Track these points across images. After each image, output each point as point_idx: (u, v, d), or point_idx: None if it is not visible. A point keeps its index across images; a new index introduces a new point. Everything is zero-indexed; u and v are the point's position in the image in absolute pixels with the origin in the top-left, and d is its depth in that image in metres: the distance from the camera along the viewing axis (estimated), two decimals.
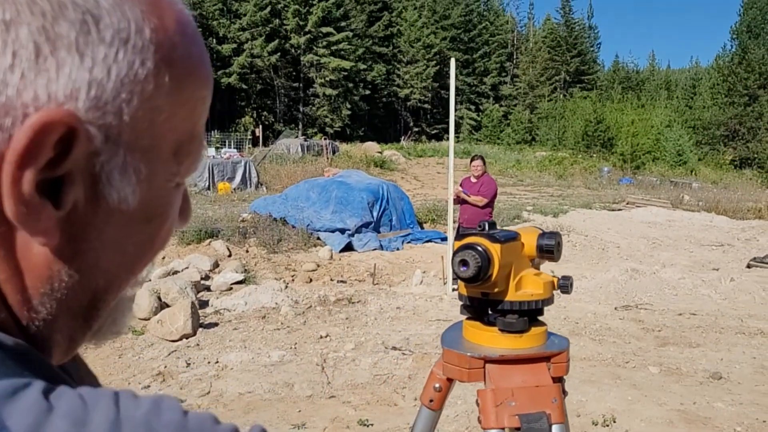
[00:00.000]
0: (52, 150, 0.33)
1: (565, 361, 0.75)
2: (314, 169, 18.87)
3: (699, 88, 53.32)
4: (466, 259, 0.71)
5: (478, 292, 0.77)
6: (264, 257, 8.81)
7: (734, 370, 4.96)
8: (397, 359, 4.97)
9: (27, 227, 0.34)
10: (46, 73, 0.32)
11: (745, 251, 10.57)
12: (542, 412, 0.69)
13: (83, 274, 0.37)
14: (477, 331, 0.78)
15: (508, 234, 0.78)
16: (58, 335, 0.39)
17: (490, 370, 0.73)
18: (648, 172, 29.88)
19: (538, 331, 0.77)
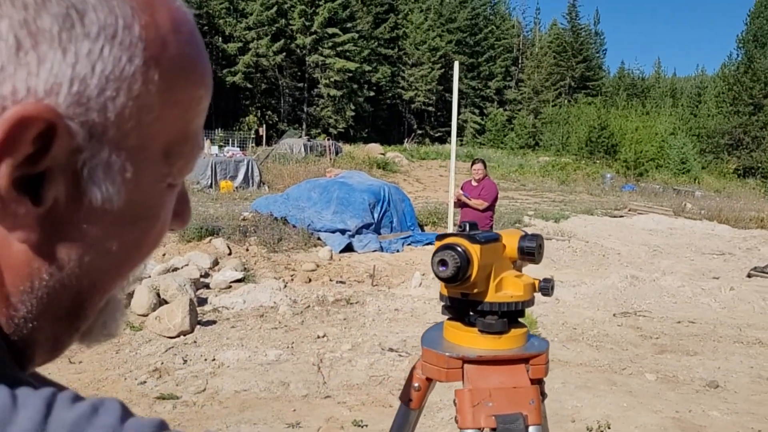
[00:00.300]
0: (31, 145, 0.32)
1: (543, 363, 0.75)
2: (317, 170, 18.89)
3: (704, 97, 53.28)
4: (445, 259, 0.72)
5: (457, 292, 0.77)
6: (264, 256, 8.81)
7: (731, 379, 4.95)
8: (393, 361, 4.97)
9: (4, 222, 0.33)
10: (26, 67, 0.32)
11: (746, 261, 10.55)
12: (519, 413, 0.69)
13: (65, 274, 0.36)
14: (457, 332, 0.78)
15: (489, 235, 0.78)
16: (40, 335, 0.38)
17: (468, 371, 0.73)
18: (651, 180, 29.85)
19: (517, 333, 0.77)
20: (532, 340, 0.79)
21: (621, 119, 37.41)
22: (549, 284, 0.79)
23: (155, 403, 4.15)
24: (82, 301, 0.39)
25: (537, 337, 0.80)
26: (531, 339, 0.79)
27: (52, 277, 0.36)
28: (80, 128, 0.33)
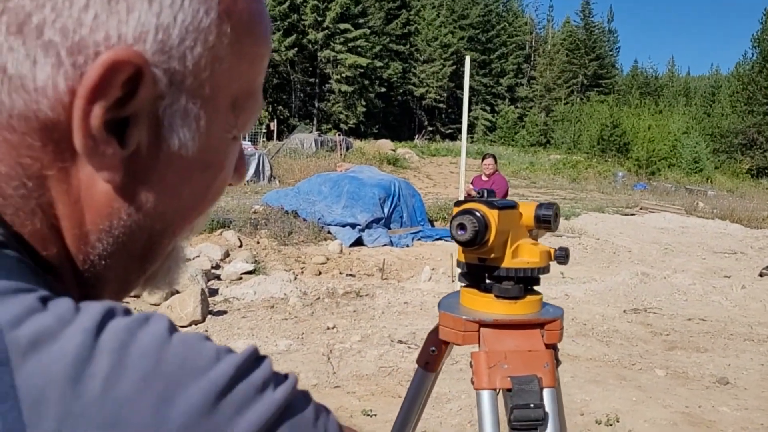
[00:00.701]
0: (120, 89, 0.34)
1: (558, 329, 0.77)
2: (327, 164, 18.93)
3: (718, 96, 52.83)
4: (464, 223, 0.73)
5: (475, 257, 0.79)
6: (274, 249, 8.86)
7: (741, 376, 4.93)
8: (402, 352, 4.99)
9: (93, 161, 0.35)
10: (117, 15, 0.34)
11: (758, 260, 10.48)
12: (534, 375, 0.71)
13: (141, 215, 0.38)
14: (473, 297, 0.80)
15: (507, 202, 0.80)
16: (111, 273, 0.40)
17: (484, 334, 0.75)
18: (663, 179, 29.67)
19: (533, 299, 0.79)
20: (546, 306, 0.81)
21: (633, 118, 37.21)
22: (564, 252, 0.81)
23: None
24: (153, 244, 0.41)
25: (552, 305, 0.82)
26: (545, 306, 0.81)
27: (130, 218, 0.38)
28: (163, 75, 0.35)
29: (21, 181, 0.35)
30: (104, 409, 0.29)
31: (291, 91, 45.09)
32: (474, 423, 3.91)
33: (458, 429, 3.79)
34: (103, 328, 0.31)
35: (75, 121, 0.34)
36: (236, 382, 0.32)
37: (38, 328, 0.30)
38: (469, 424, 3.87)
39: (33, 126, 0.34)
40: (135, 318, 0.32)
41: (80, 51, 0.33)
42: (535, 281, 0.80)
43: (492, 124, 54.11)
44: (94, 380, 0.29)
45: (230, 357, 0.33)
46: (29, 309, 0.30)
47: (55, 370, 0.29)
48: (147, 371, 0.30)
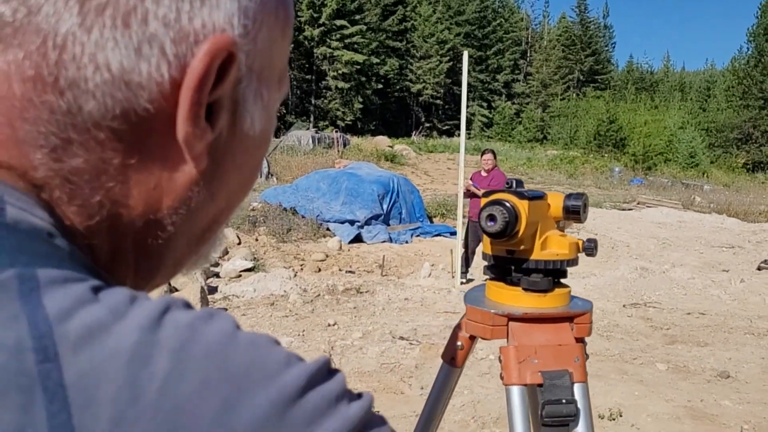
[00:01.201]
0: (215, 75, 0.34)
1: (588, 323, 0.76)
2: (325, 161, 18.90)
3: (713, 91, 52.94)
4: (494, 214, 0.72)
5: (503, 249, 0.77)
6: (273, 246, 8.84)
7: (742, 369, 4.94)
8: (404, 349, 4.98)
9: (190, 150, 0.35)
10: (209, 2, 0.34)
11: (756, 254, 10.50)
12: (565, 370, 0.69)
13: (214, 197, 0.38)
14: (500, 291, 0.78)
15: (535, 193, 0.78)
16: (170, 255, 0.39)
17: (513, 328, 0.73)
18: (659, 174, 29.73)
19: (561, 292, 0.77)
20: (575, 299, 0.79)
21: (630, 113, 37.24)
22: (593, 244, 0.79)
23: None
24: (214, 223, 0.41)
25: (580, 298, 0.80)
26: (574, 299, 0.79)
27: (204, 201, 0.38)
28: (245, 58, 0.36)
29: (94, 174, 0.34)
30: (161, 415, 0.27)
31: (287, 88, 44.91)
32: (477, 418, 3.90)
33: (461, 425, 3.78)
34: (161, 323, 0.29)
35: (182, 111, 0.34)
36: (307, 392, 0.30)
37: (90, 320, 0.28)
38: (472, 420, 3.86)
39: (130, 121, 0.34)
40: (198, 314, 0.31)
41: (182, 41, 0.34)
42: (563, 274, 0.78)
43: (489, 120, 54.10)
44: (152, 382, 0.27)
45: (302, 364, 0.31)
46: (80, 300, 0.29)
47: (108, 369, 0.27)
48: (210, 374, 0.28)
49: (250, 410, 0.28)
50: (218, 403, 0.28)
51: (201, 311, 0.31)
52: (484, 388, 4.24)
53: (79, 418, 0.26)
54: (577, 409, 0.68)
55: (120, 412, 0.26)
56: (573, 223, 0.82)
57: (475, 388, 4.23)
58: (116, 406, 0.26)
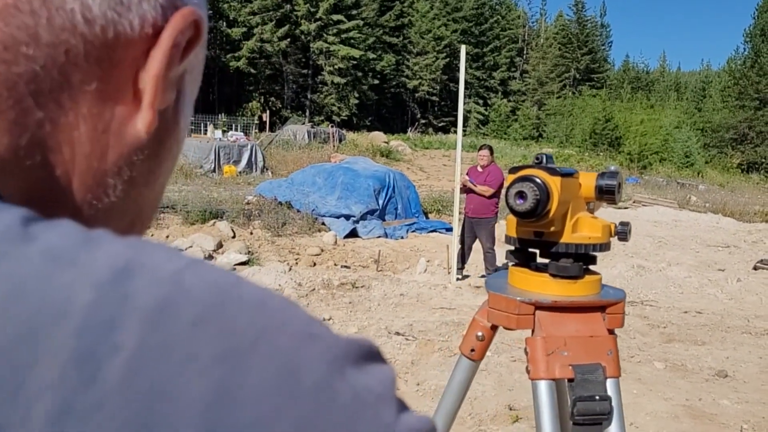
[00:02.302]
0: (183, 46, 0.34)
1: (621, 313, 0.69)
2: (320, 156, 18.81)
3: (709, 91, 53.05)
4: (524, 191, 0.65)
5: (530, 231, 0.70)
6: (268, 240, 8.77)
7: (740, 368, 4.91)
8: (400, 344, 4.93)
9: (151, 98, 0.33)
10: None
11: (751, 253, 10.49)
12: (597, 364, 0.63)
13: (152, 176, 0.36)
14: (526, 277, 0.71)
15: (567, 170, 0.71)
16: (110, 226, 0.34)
17: (540, 317, 0.67)
18: (655, 173, 29.76)
19: (592, 279, 0.71)
20: (606, 288, 0.73)
21: (626, 112, 37.23)
22: (627, 228, 0.73)
23: None
24: (138, 218, 0.38)
25: (611, 286, 0.74)
26: (605, 287, 0.73)
27: (142, 176, 0.35)
28: (198, 49, 0.36)
29: (49, 86, 0.29)
30: (128, 403, 0.20)
31: (283, 83, 44.81)
32: (474, 415, 3.85)
33: (458, 422, 3.72)
34: (130, 273, 0.22)
35: (159, 51, 0.32)
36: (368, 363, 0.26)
37: (18, 271, 0.22)
38: (468, 416, 3.82)
39: (106, 40, 0.31)
40: (183, 261, 0.24)
41: None
42: (593, 260, 0.72)
43: (485, 117, 54.06)
44: (114, 357, 0.20)
45: (346, 336, 0.26)
46: (7, 240, 0.22)
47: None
48: (200, 344, 0.21)
49: (251, 391, 0.21)
50: (212, 386, 0.20)
51: (188, 258, 0.24)
52: (480, 384, 4.18)
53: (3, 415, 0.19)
54: (611, 406, 0.62)
55: (65, 401, 0.19)
56: (603, 206, 0.75)
57: (472, 385, 4.17)
58: (59, 392, 0.19)
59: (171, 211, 9.28)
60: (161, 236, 8.53)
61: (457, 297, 6.57)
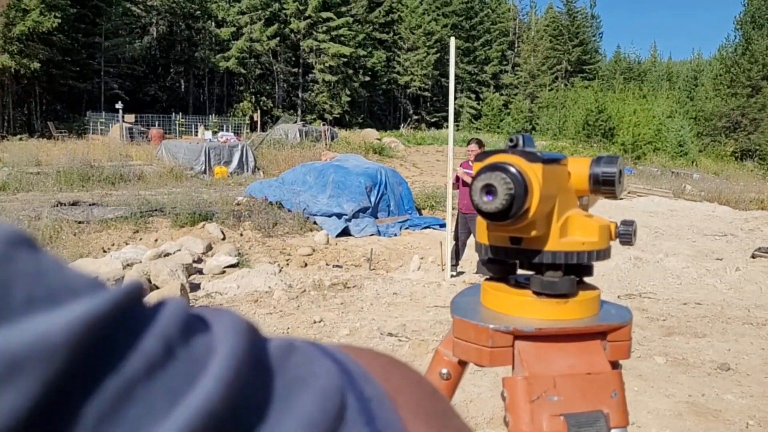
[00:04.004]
0: None
1: (627, 339, 0.53)
2: (312, 155, 18.64)
3: (701, 80, 52.99)
4: (493, 185, 0.48)
5: (506, 237, 0.53)
6: (259, 241, 8.60)
7: (742, 361, 4.78)
8: (393, 346, 4.77)
9: None
10: None
11: (749, 241, 10.38)
12: (599, 411, 0.46)
13: None
14: (503, 295, 0.54)
15: (551, 154, 0.55)
16: None
17: (522, 350, 0.50)
18: (649, 163, 29.67)
19: (588, 296, 0.54)
20: (606, 306, 0.56)
21: (618, 103, 37.12)
22: (631, 228, 0.57)
23: None
24: None
25: (612, 303, 0.58)
26: (605, 305, 0.56)
27: None
28: None
29: None
30: None
31: (274, 82, 44.52)
32: (469, 419, 3.70)
33: None
34: None
35: None
36: None
37: None
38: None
39: None
40: None
41: None
42: (590, 270, 0.56)
43: (477, 111, 53.86)
44: None
45: None
46: None
47: None
48: None
49: None
50: None
51: None
52: (476, 386, 4.03)
53: None
54: None
55: None
56: (600, 200, 0.59)
57: (467, 386, 4.02)
58: None
59: (160, 214, 9.11)
60: (150, 239, 8.35)
61: (451, 295, 6.40)
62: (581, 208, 0.58)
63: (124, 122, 23.00)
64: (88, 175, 13.32)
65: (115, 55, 36.18)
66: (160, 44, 42.31)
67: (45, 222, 8.01)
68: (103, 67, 35.40)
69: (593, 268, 0.57)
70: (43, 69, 30.34)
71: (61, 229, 7.93)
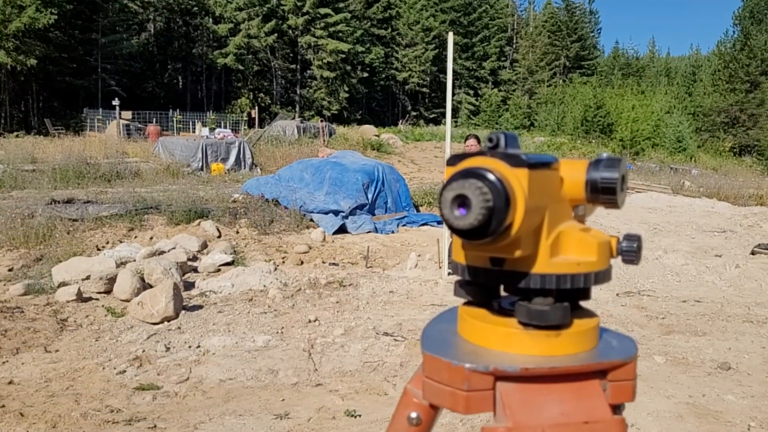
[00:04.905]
0: None
1: (630, 378, 0.44)
2: (310, 151, 18.55)
3: (699, 75, 52.83)
4: (467, 195, 0.39)
5: (485, 257, 0.44)
6: (255, 239, 8.51)
7: (743, 360, 4.71)
8: (388, 346, 4.70)
9: None
10: None
11: (748, 238, 10.30)
12: None
13: None
14: (483, 326, 0.45)
15: (540, 157, 0.45)
16: None
17: (505, 394, 0.41)
18: (647, 159, 29.57)
19: (585, 326, 0.45)
20: (606, 336, 0.47)
21: (617, 98, 36.99)
22: (635, 244, 0.48)
23: (134, 394, 3.87)
24: None
25: (614, 332, 0.49)
26: (604, 334, 0.47)
27: None
28: None
29: None
30: None
31: (272, 78, 44.33)
32: (465, 421, 3.63)
33: (449, 429, 3.51)
34: None
35: None
36: None
37: None
38: (460, 423, 3.59)
39: None
40: None
41: None
42: (586, 294, 0.47)
43: (476, 107, 53.67)
44: None
45: None
46: None
47: None
48: None
49: None
50: None
51: None
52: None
53: None
54: None
55: None
56: (598, 209, 0.51)
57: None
58: None
59: (155, 212, 9.02)
60: (145, 237, 8.26)
61: (448, 293, 6.33)
62: (576, 220, 0.49)
63: (122, 119, 22.86)
64: (83, 172, 13.22)
65: (113, 51, 35.97)
66: (158, 41, 42.11)
67: (39, 220, 7.92)
68: (101, 64, 35.20)
69: (591, 291, 0.48)
70: (40, 66, 30.15)
71: (54, 227, 7.84)
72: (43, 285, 6.07)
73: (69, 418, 3.57)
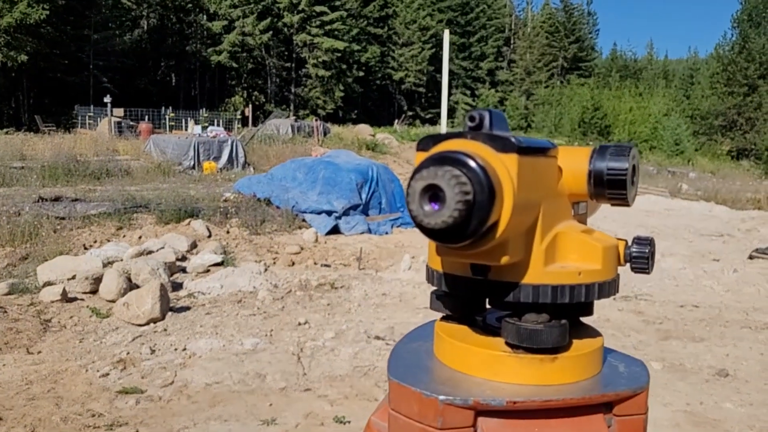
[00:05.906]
0: None
1: (642, 412, 0.35)
2: (303, 150, 18.44)
3: (697, 78, 52.92)
4: (440, 186, 0.29)
5: (465, 263, 0.35)
6: (246, 239, 8.40)
7: (741, 366, 4.63)
8: (379, 350, 4.60)
9: None
10: None
11: (746, 242, 10.24)
12: None
13: None
14: (462, 347, 0.35)
15: (534, 141, 0.35)
16: None
17: (488, 430, 0.32)
18: (645, 161, 29.57)
19: (586, 348, 0.35)
20: (612, 360, 0.38)
21: (614, 100, 37.01)
22: (647, 249, 0.39)
23: (117, 398, 3.76)
24: None
25: (620, 354, 0.39)
26: (609, 357, 0.38)
27: None
28: None
29: None
30: None
31: (266, 76, 44.16)
32: None
33: None
34: None
35: None
36: None
37: None
38: None
39: None
40: None
41: None
42: (588, 309, 0.38)
43: (472, 108, 53.57)
44: None
45: None
46: None
47: None
48: None
49: None
50: None
51: None
52: None
53: None
54: None
55: None
56: (602, 205, 0.42)
57: None
58: None
59: (144, 211, 8.89)
60: (134, 237, 8.14)
61: None
62: (577, 219, 0.40)
63: (113, 116, 22.68)
64: (73, 170, 13.07)
65: (105, 48, 35.73)
66: (151, 37, 41.86)
67: (25, 218, 7.79)
68: (93, 61, 34.96)
69: (593, 305, 0.39)
70: (31, 62, 29.92)
71: (41, 225, 7.72)
72: (27, 284, 5.95)
73: (49, 422, 3.46)
